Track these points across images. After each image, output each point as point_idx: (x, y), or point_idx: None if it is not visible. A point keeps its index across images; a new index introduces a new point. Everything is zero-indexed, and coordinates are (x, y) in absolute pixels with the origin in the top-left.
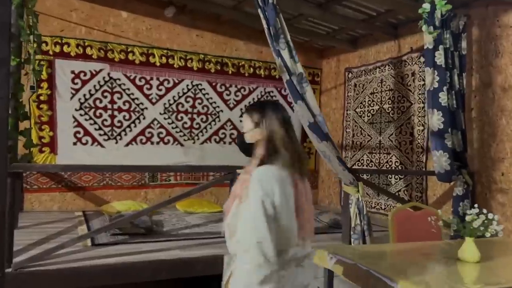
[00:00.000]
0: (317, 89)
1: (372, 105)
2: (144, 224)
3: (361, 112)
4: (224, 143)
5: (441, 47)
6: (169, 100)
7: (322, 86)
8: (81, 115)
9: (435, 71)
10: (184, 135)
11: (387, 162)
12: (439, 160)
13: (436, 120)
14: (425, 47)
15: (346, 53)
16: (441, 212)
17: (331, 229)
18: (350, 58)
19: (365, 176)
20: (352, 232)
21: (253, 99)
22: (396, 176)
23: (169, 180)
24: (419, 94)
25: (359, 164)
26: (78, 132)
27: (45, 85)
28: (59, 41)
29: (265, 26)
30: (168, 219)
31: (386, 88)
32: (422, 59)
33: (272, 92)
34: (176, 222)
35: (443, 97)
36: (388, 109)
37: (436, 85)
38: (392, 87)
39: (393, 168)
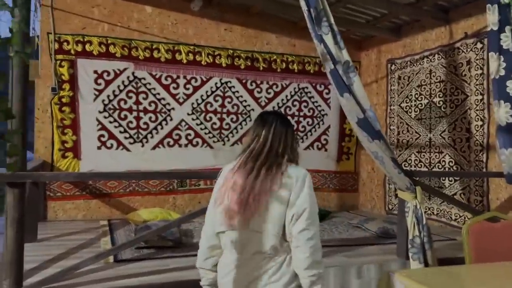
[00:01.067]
0: None
1: (420, 99)
2: (171, 235)
3: (407, 107)
4: None
5: (508, 28)
6: (197, 100)
7: (361, 80)
8: (105, 117)
9: (501, 56)
10: (214, 136)
11: (439, 162)
12: (508, 160)
13: (503, 113)
14: (488, 29)
15: (388, 43)
16: None
17: (381, 240)
18: (393, 48)
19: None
20: (410, 246)
21: (286, 96)
22: (450, 178)
23: (199, 185)
24: (476, 84)
25: (406, 165)
26: (102, 135)
27: (67, 86)
28: (81, 39)
29: (304, 8)
30: (198, 227)
31: (436, 79)
32: (479, 45)
33: (307, 88)
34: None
35: (511, 86)
36: (439, 103)
37: (502, 72)
38: (444, 78)
39: (447, 169)
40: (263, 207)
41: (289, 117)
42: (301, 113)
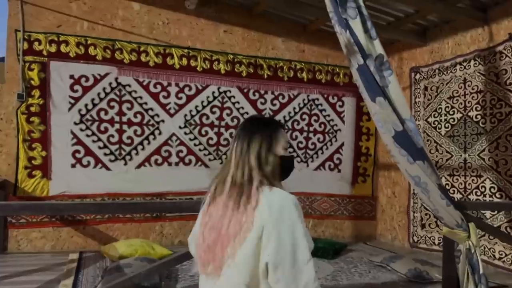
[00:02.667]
0: None
1: (451, 112)
2: (148, 280)
3: (436, 123)
4: None
5: None
6: (190, 111)
7: None
8: (81, 130)
9: None
10: (210, 153)
11: (477, 188)
12: None
13: None
14: None
15: (411, 49)
16: None
17: (413, 286)
18: (418, 54)
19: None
20: None
21: (294, 108)
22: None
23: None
24: None
25: None
26: (78, 151)
27: (36, 92)
28: (55, 38)
29: None
30: (185, 266)
31: (473, 89)
32: None
33: (318, 99)
34: (197, 272)
35: None
36: (476, 117)
37: None
38: (482, 87)
39: (488, 196)
40: (229, 256)
41: (297, 133)
42: (311, 128)
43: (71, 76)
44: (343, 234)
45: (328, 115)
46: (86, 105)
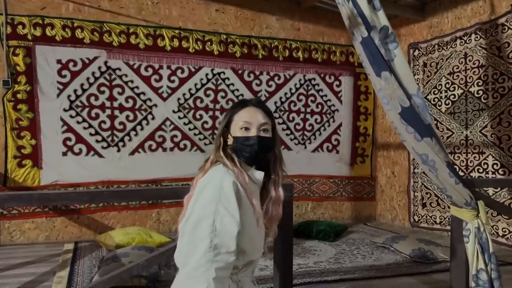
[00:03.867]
0: None
1: (452, 89)
2: (146, 270)
3: (436, 99)
4: None
5: None
6: (184, 94)
7: None
8: (71, 116)
9: None
10: (205, 138)
11: (479, 164)
12: None
13: None
14: None
15: (409, 25)
16: None
17: (418, 266)
18: (416, 30)
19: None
20: (473, 284)
21: (290, 89)
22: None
23: None
24: None
25: None
26: (69, 138)
27: (23, 79)
28: (40, 21)
29: None
30: None
31: (474, 64)
32: None
33: (314, 79)
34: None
35: None
36: (478, 93)
37: None
38: (484, 62)
39: (491, 172)
40: (180, 218)
41: (294, 114)
42: (308, 109)
43: (58, 61)
44: (343, 215)
45: (325, 95)
46: (75, 91)
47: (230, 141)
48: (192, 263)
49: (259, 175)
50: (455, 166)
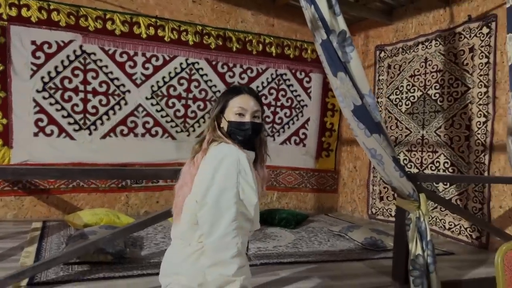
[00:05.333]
0: None
1: (412, 90)
2: (112, 247)
3: (397, 100)
4: None
5: None
6: (157, 82)
7: None
8: (44, 98)
9: None
10: (177, 125)
11: (432, 162)
12: None
13: None
14: (507, 6)
15: (377, 27)
16: None
17: (368, 253)
18: (383, 33)
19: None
20: (411, 267)
21: (262, 83)
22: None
23: (157, 181)
24: (480, 75)
25: None
26: (41, 119)
27: None
28: (16, 2)
29: None
30: (151, 234)
31: (433, 69)
32: (485, 30)
33: (285, 75)
34: (162, 240)
35: None
36: (434, 96)
37: None
38: (441, 67)
39: (442, 170)
40: (185, 194)
41: (265, 107)
42: (278, 103)
43: (33, 42)
44: (306, 206)
45: (295, 91)
46: (49, 73)
47: (223, 124)
48: (220, 231)
49: (252, 155)
50: (401, 162)
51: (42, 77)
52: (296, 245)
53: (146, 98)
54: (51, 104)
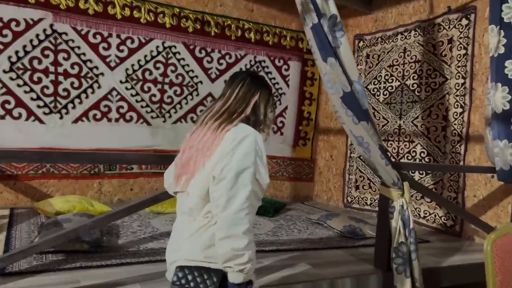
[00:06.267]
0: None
1: (390, 80)
2: (88, 235)
3: (375, 90)
4: None
5: None
6: (132, 65)
7: None
8: (11, 79)
9: (501, 31)
10: (152, 111)
11: (408, 152)
12: (502, 153)
13: (500, 98)
14: None
15: (356, 16)
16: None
17: (348, 241)
18: (362, 22)
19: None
20: (394, 255)
21: (240, 69)
22: (421, 171)
23: (131, 168)
24: (458, 66)
25: None
26: (7, 101)
27: None
28: None
29: None
30: (127, 222)
31: (411, 59)
32: (464, 22)
33: (264, 62)
34: (138, 228)
35: (511, 67)
36: (412, 86)
37: (501, 50)
38: (420, 58)
39: (418, 160)
40: (200, 167)
41: None
42: None
43: (0, 19)
44: (283, 194)
45: (274, 78)
46: (17, 52)
47: (261, 112)
48: (235, 206)
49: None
50: (386, 151)
51: (9, 57)
52: (276, 233)
53: (121, 82)
54: (19, 85)
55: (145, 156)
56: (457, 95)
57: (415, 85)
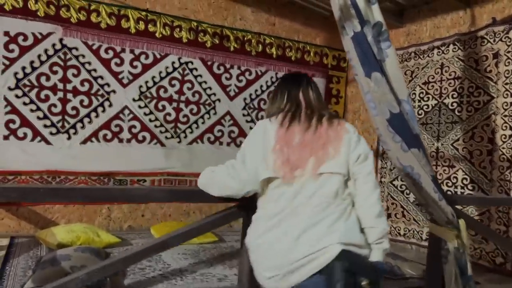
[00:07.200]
0: (343, 79)
1: (426, 99)
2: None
3: None
4: (221, 143)
5: None
6: (146, 82)
7: (350, 74)
8: (17, 96)
9: None
10: (166, 131)
11: (448, 178)
12: None
13: None
14: None
15: None
16: None
17: (385, 283)
18: (393, 36)
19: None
20: None
21: (261, 86)
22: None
23: None
24: (506, 83)
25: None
26: (12, 121)
27: None
28: None
29: None
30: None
31: (450, 75)
32: None
33: None
34: (147, 264)
35: None
36: (452, 105)
37: None
38: (460, 74)
39: (460, 187)
40: (337, 153)
41: (263, 113)
42: None
43: (6, 33)
44: None
45: None
46: (23, 68)
47: None
48: (377, 185)
49: None
50: (440, 183)
51: (16, 73)
52: None
53: (133, 100)
54: (25, 103)
55: (152, 191)
56: (505, 116)
57: (455, 104)
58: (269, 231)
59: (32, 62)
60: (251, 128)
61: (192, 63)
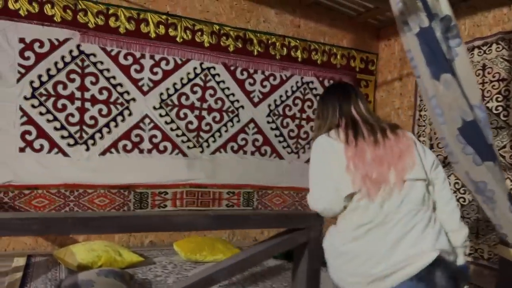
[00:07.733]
0: (372, 82)
1: None
2: None
3: None
4: (245, 152)
5: None
6: (167, 89)
7: (379, 78)
8: (33, 106)
9: None
10: (189, 140)
11: None
12: None
13: None
14: None
15: None
16: None
17: None
18: None
19: None
20: None
21: (286, 91)
22: None
23: (165, 206)
24: None
25: None
26: (28, 132)
27: None
28: None
29: None
30: (161, 277)
31: (493, 77)
32: None
33: (312, 83)
34: (172, 283)
35: None
36: (496, 109)
37: None
38: (505, 75)
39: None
40: (414, 163)
41: (288, 120)
42: (304, 115)
43: (21, 40)
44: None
45: None
46: (40, 77)
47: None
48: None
49: None
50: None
51: (32, 82)
52: None
53: (154, 108)
54: (41, 113)
55: (195, 218)
56: None
57: (500, 108)
58: (355, 241)
59: (48, 70)
60: (276, 136)
61: (214, 68)
